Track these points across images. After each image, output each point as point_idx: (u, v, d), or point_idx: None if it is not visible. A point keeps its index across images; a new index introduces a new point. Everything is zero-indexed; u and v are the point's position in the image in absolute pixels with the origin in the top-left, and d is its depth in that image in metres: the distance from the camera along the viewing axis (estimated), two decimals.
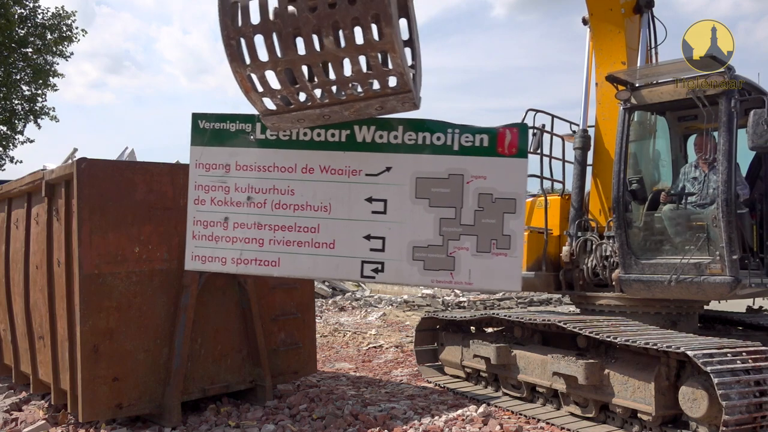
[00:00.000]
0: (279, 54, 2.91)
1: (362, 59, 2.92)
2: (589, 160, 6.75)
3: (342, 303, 17.67)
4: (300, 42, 2.89)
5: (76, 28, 21.85)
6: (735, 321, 6.52)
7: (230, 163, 3.58)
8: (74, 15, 21.64)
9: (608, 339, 4.95)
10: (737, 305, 6.63)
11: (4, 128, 21.62)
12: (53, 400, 5.64)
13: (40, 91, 22.02)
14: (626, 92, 6.10)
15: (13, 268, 6.40)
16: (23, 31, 20.96)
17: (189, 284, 5.43)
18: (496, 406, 5.94)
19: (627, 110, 6.13)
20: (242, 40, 2.89)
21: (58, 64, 22.11)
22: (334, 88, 3.09)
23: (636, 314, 5.84)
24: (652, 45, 6.78)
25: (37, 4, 21.19)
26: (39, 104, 22.08)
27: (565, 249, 6.43)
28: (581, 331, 5.24)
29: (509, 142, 3.31)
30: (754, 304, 6.80)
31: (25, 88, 21.82)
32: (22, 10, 20.87)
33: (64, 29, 21.59)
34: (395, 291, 24.66)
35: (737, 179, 5.64)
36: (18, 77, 21.50)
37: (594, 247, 6.18)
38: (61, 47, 21.81)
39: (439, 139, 3.33)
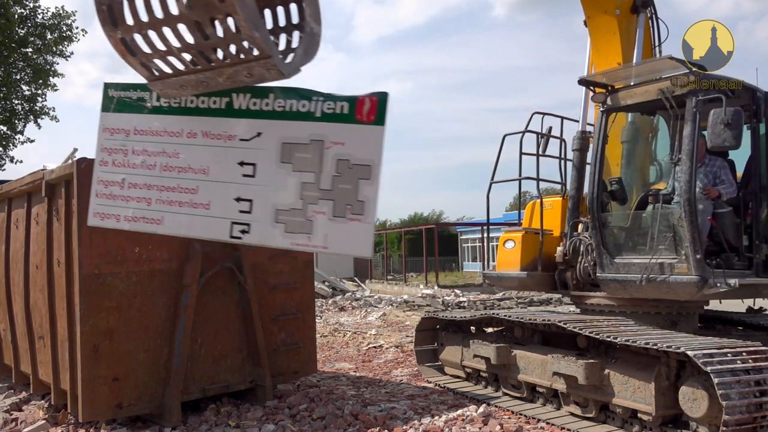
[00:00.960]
0: (142, 18, 3.12)
1: (218, 24, 3.08)
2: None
3: (342, 303, 17.68)
4: (158, 5, 3.09)
5: (76, 28, 21.88)
6: (735, 321, 6.52)
7: (130, 128, 3.79)
8: (74, 15, 21.66)
9: (608, 339, 4.95)
10: (737, 305, 6.63)
11: (4, 128, 21.62)
12: (53, 400, 5.64)
13: (40, 91, 22.03)
14: (602, 95, 6.17)
15: (13, 268, 6.40)
16: (23, 31, 20.97)
17: (189, 284, 5.43)
18: (496, 406, 5.94)
19: (603, 112, 6.19)
20: (112, 5, 3.13)
21: (58, 63, 22.14)
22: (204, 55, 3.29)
23: (636, 314, 5.83)
24: (655, 44, 6.79)
25: (37, 4, 21.21)
26: (39, 104, 22.09)
27: (559, 249, 6.47)
28: (581, 331, 5.24)
29: (368, 109, 3.35)
30: (754, 304, 6.80)
31: (25, 88, 21.84)
32: (22, 10, 20.87)
33: (64, 29, 21.59)
34: (395, 291, 24.67)
35: (723, 178, 5.68)
36: (18, 77, 21.51)
37: (586, 247, 6.19)
38: (61, 47, 21.82)
39: (304, 106, 3.41)
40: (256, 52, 3.16)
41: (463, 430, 5.15)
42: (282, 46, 3.52)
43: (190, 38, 3.21)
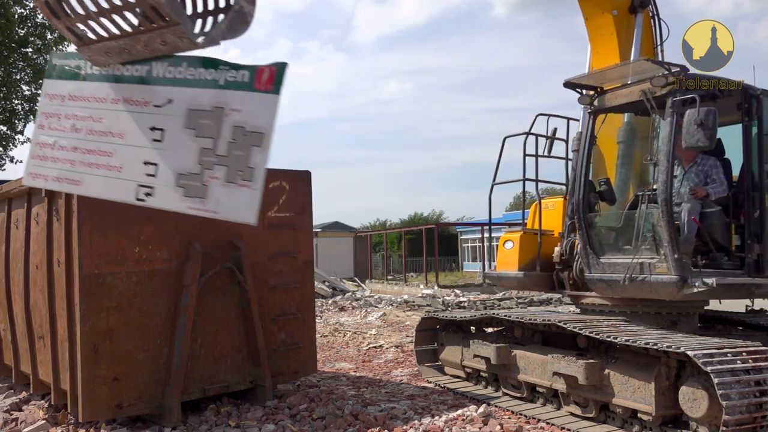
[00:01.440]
0: None
1: None
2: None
3: (342, 303, 17.69)
4: None
5: None
6: (735, 321, 6.52)
7: (65, 94, 3.99)
8: None
9: (608, 339, 4.95)
10: (738, 305, 6.63)
11: (5, 128, 21.61)
12: (53, 400, 5.64)
13: (40, 91, 22.00)
14: (587, 97, 6.21)
15: (13, 268, 6.40)
16: (23, 31, 20.95)
17: (189, 284, 5.43)
18: (496, 406, 5.94)
19: (591, 114, 6.24)
20: None
21: None
22: (117, 19, 3.50)
23: (635, 314, 5.83)
24: (657, 43, 6.79)
25: (37, 4, 21.17)
26: (39, 104, 22.07)
27: (557, 249, 6.49)
28: (581, 331, 5.24)
29: (266, 78, 3.50)
30: (752, 304, 6.80)
31: (25, 87, 21.81)
32: (23, 10, 20.85)
33: None
34: (395, 291, 24.67)
35: (714, 177, 5.68)
36: (18, 77, 21.50)
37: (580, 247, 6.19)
38: (61, 47, 21.80)
39: (211, 74, 3.59)
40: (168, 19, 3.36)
41: (463, 430, 5.15)
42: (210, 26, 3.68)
43: (105, 3, 3.42)
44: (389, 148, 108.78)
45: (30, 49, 21.30)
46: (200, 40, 3.49)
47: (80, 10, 3.46)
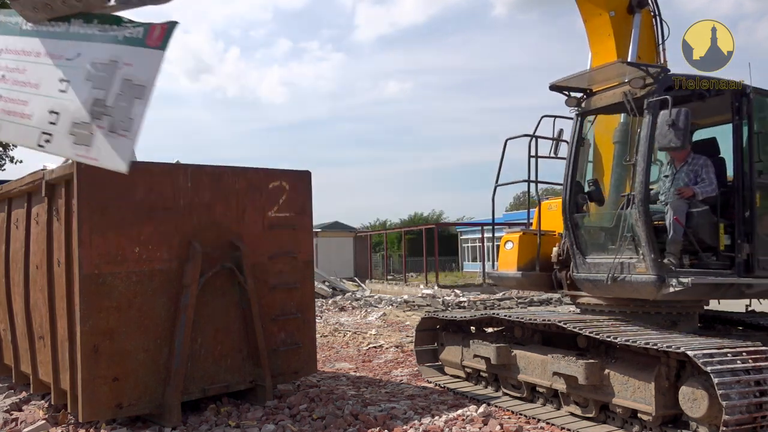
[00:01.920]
0: None
1: None
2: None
3: (342, 303, 17.69)
4: None
5: None
6: (735, 321, 6.52)
7: (3, 47, 4.28)
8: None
9: (608, 339, 4.95)
10: (738, 305, 6.63)
11: None
12: (53, 400, 5.64)
13: None
14: (574, 99, 6.26)
15: (13, 268, 6.40)
16: None
17: (189, 284, 5.43)
18: (496, 406, 5.94)
19: (578, 116, 6.31)
20: None
21: None
22: None
23: (635, 314, 5.83)
24: (659, 42, 6.79)
25: None
26: None
27: (555, 249, 6.51)
28: (581, 331, 5.24)
29: (157, 35, 3.83)
30: (750, 304, 6.80)
31: None
32: None
33: None
34: (395, 291, 24.67)
35: (704, 177, 5.67)
36: None
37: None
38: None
39: (114, 30, 3.93)
40: None
41: (463, 430, 5.15)
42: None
43: None
44: (389, 148, 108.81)
45: None
46: (112, 1, 3.85)
47: None
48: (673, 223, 5.39)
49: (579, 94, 6.34)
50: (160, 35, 3.82)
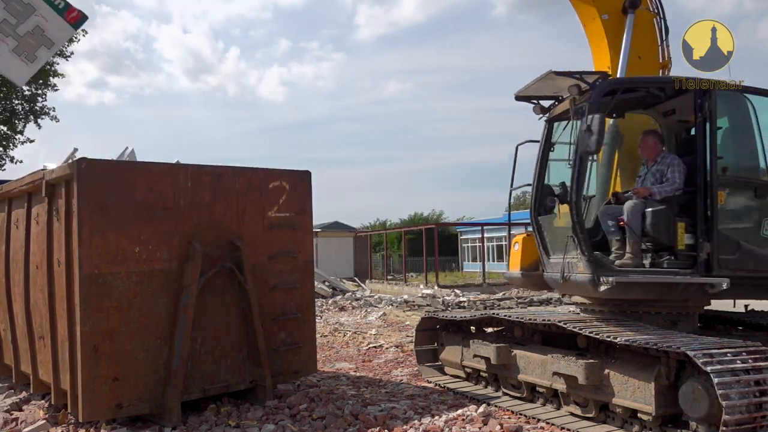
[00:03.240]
0: None
1: None
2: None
3: (342, 303, 17.69)
4: None
5: None
6: (735, 321, 6.53)
7: None
8: None
9: (608, 339, 4.95)
10: (738, 305, 6.64)
11: (5, 128, 21.63)
12: (53, 400, 5.64)
13: (40, 91, 22.01)
14: (539, 107, 6.41)
15: (13, 268, 6.41)
16: None
17: (189, 284, 5.43)
18: (496, 406, 5.94)
19: (547, 122, 6.45)
20: None
21: (58, 64, 22.12)
22: None
23: (635, 314, 5.84)
24: (662, 39, 6.81)
25: None
26: (39, 104, 22.08)
27: None
28: (581, 331, 5.24)
29: (73, 15, 4.93)
30: (744, 306, 6.83)
31: (25, 88, 21.81)
32: None
33: None
34: (395, 291, 24.67)
35: (668, 176, 5.72)
36: None
37: None
38: (61, 47, 21.80)
39: None
40: None
41: (463, 429, 5.15)
42: None
43: None
44: (389, 148, 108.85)
45: None
46: None
47: None
48: (629, 222, 5.54)
49: (546, 102, 6.46)
50: (75, 17, 4.92)
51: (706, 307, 6.21)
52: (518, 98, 6.42)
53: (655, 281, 5.45)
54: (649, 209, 5.57)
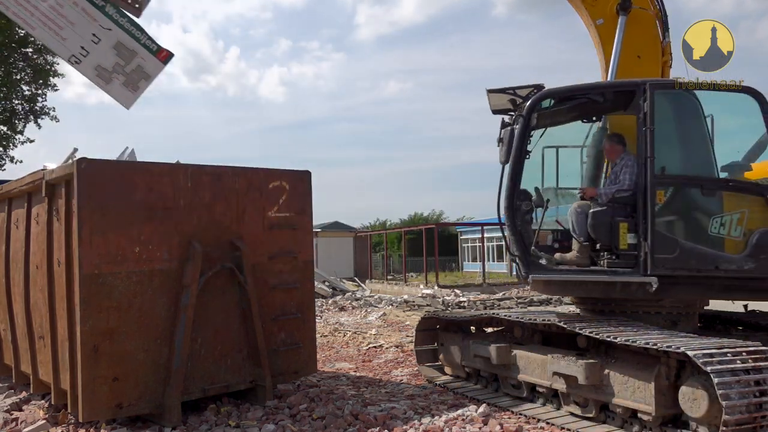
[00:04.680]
0: None
1: None
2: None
3: (342, 303, 17.70)
4: None
5: None
6: (735, 321, 6.53)
7: None
8: None
9: (608, 339, 4.95)
10: (738, 305, 6.64)
11: (5, 128, 21.61)
12: (53, 399, 5.64)
13: (40, 91, 22.01)
14: (511, 115, 6.47)
15: (13, 268, 6.41)
16: (23, 31, 20.95)
17: (189, 284, 5.43)
18: (496, 406, 5.94)
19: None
20: None
21: (58, 63, 22.08)
22: None
23: (636, 314, 5.84)
24: (663, 37, 6.84)
25: None
26: (39, 104, 22.08)
27: None
28: (582, 331, 5.24)
29: (163, 55, 6.22)
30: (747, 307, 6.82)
31: (25, 88, 21.83)
32: None
33: None
34: (395, 291, 24.68)
35: (621, 178, 5.83)
36: (18, 77, 21.49)
37: None
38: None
39: (140, 33, 6.12)
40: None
41: (463, 430, 5.15)
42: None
43: None
44: (389, 148, 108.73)
45: (30, 49, 21.30)
46: (137, 7, 6.16)
47: None
48: (575, 222, 5.84)
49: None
50: (164, 56, 6.24)
51: (706, 307, 6.22)
52: (495, 112, 6.59)
53: (578, 280, 5.81)
54: (591, 210, 5.78)
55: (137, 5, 6.22)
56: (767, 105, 5.48)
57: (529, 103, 5.92)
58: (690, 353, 4.31)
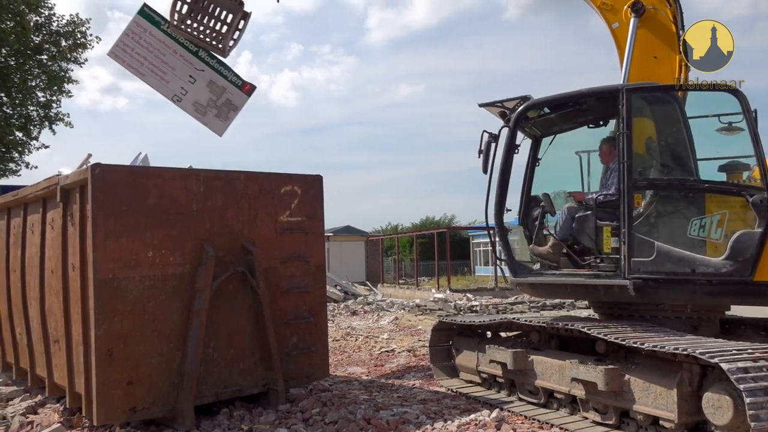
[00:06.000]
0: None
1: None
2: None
3: (354, 307, 17.69)
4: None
5: (90, 35, 22.07)
6: (759, 325, 6.41)
7: (147, 29, 7.44)
8: (88, 23, 21.87)
9: (635, 345, 4.80)
10: (762, 311, 6.53)
11: (20, 134, 21.83)
12: (68, 403, 5.68)
13: (54, 98, 22.24)
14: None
15: (29, 272, 6.46)
16: (38, 39, 21.18)
17: (202, 288, 5.45)
18: (509, 411, 5.89)
19: (534, 139, 6.91)
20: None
21: (72, 70, 22.34)
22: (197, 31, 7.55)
23: (656, 318, 5.76)
24: (680, 35, 6.82)
25: (52, 12, 21.44)
26: (54, 110, 22.31)
27: None
28: (606, 336, 5.10)
29: (247, 88, 7.70)
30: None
31: (40, 94, 22.04)
32: (38, 18, 21.10)
33: (79, 36, 21.80)
34: (407, 295, 24.64)
35: (608, 183, 6.00)
36: (33, 84, 21.73)
37: None
38: (75, 54, 22.03)
39: (226, 71, 7.71)
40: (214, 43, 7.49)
41: None
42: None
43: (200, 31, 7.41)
44: (401, 152, 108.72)
45: (45, 56, 21.53)
46: (225, 52, 7.53)
47: (189, 21, 7.26)
48: (563, 226, 6.09)
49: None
50: (248, 89, 7.59)
51: (728, 313, 6.14)
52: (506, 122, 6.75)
53: (561, 282, 6.01)
54: (576, 214, 5.98)
55: (223, 48, 7.34)
56: (747, 104, 5.41)
57: (514, 114, 6.16)
58: (715, 361, 4.17)
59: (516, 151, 6.30)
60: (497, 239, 6.35)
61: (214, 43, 7.29)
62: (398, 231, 52.01)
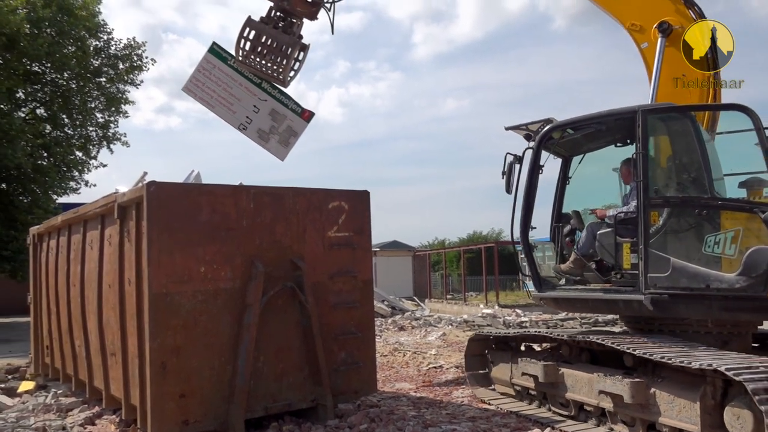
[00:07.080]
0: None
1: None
2: None
3: (401, 322, 17.61)
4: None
5: (146, 57, 22.97)
6: None
7: (216, 65, 8.11)
8: (144, 45, 22.77)
9: (662, 360, 4.86)
10: None
11: (80, 154, 22.80)
12: (124, 414, 5.82)
13: (112, 118, 23.16)
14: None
15: (87, 287, 6.69)
16: (98, 62, 22.14)
17: (252, 303, 5.53)
18: (560, 430, 5.76)
19: (564, 159, 7.11)
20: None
21: (129, 92, 23.24)
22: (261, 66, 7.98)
23: (685, 333, 5.72)
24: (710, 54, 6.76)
25: (110, 36, 22.39)
26: (111, 130, 23.22)
27: None
28: (628, 349, 5.21)
29: (306, 115, 8.17)
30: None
31: (99, 115, 23.01)
32: (97, 42, 22.07)
33: (135, 59, 22.68)
34: (455, 310, 24.41)
35: (629, 201, 6.06)
36: (93, 105, 22.70)
37: None
38: (132, 76, 22.93)
39: (287, 100, 8.22)
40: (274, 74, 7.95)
41: None
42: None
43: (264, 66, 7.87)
44: (447, 166, 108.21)
45: (104, 79, 22.48)
46: (286, 83, 8.00)
47: (252, 56, 7.71)
48: (582, 238, 6.30)
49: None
50: (307, 115, 8.09)
51: (760, 327, 6.05)
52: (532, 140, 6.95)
53: (583, 297, 6.12)
54: (598, 231, 6.16)
55: (284, 79, 7.87)
56: (758, 121, 5.43)
57: (537, 136, 6.37)
58: (744, 381, 4.15)
59: (540, 171, 6.51)
60: (523, 255, 6.59)
61: (275, 75, 7.77)
62: (445, 246, 51.64)
